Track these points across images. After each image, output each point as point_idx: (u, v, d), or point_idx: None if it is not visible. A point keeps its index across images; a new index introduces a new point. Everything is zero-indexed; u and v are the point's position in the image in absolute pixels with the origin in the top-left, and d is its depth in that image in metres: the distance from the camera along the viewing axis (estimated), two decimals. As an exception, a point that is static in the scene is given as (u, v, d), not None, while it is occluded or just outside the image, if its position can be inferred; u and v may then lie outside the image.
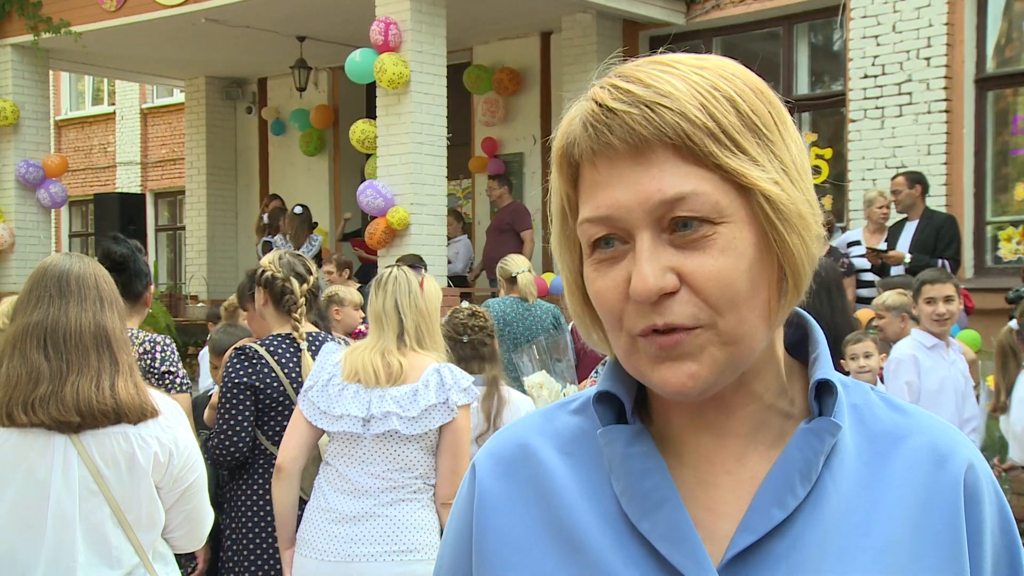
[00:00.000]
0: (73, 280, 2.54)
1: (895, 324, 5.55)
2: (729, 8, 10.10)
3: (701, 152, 0.86)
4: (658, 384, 0.89)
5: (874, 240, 7.76)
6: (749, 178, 0.86)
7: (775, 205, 0.87)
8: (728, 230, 0.86)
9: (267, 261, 3.80)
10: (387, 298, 3.31)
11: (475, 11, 10.18)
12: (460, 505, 1.04)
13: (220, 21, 10.50)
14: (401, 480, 3.24)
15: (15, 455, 2.45)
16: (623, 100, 0.87)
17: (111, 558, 2.51)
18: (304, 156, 13.24)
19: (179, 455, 2.58)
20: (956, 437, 0.97)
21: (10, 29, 11.46)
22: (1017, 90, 9.02)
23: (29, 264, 11.11)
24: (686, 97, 0.86)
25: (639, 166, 0.87)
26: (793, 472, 0.90)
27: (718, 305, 0.86)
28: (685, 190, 0.85)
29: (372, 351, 3.28)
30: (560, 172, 0.93)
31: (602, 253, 0.89)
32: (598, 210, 0.88)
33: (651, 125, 0.85)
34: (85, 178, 19.11)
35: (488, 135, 11.76)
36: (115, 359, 2.52)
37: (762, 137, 0.88)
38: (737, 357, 0.88)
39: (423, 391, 3.23)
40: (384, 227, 8.98)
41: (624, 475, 0.93)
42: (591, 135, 0.89)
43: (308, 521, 3.29)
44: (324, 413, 3.24)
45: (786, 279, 0.90)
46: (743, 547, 0.89)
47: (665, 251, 0.86)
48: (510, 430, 1.05)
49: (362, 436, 3.23)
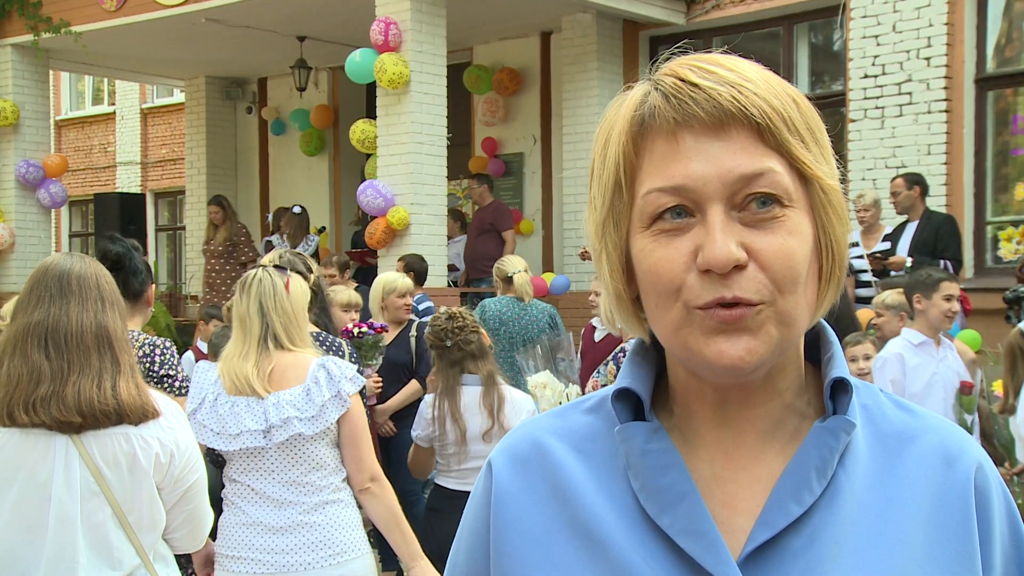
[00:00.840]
0: (74, 280, 2.54)
1: (893, 323, 5.58)
2: (729, 8, 10.10)
3: (778, 137, 0.90)
4: (712, 357, 0.89)
5: (869, 242, 7.77)
6: (814, 168, 0.91)
7: (831, 197, 0.92)
8: (795, 214, 0.90)
9: (268, 260, 3.81)
10: (251, 301, 3.25)
11: (475, 11, 10.17)
12: (476, 501, 1.05)
13: (220, 21, 10.50)
14: (318, 482, 3.22)
15: (16, 456, 2.45)
16: (708, 78, 0.90)
17: (112, 559, 2.50)
18: (304, 156, 13.24)
19: (180, 456, 2.58)
20: (964, 438, 0.98)
21: (10, 29, 11.46)
22: (1017, 90, 9.01)
23: (29, 264, 11.10)
24: (765, 87, 0.91)
25: (719, 141, 0.89)
26: (810, 469, 0.92)
27: (782, 284, 0.88)
28: (764, 167, 0.89)
29: (240, 359, 3.22)
30: (628, 140, 0.93)
31: (667, 223, 0.91)
32: (672, 179, 0.90)
33: (737, 102, 0.89)
34: (85, 178, 19.10)
35: (488, 135, 11.75)
36: (116, 359, 2.51)
37: (816, 139, 0.94)
38: (787, 339, 0.91)
39: (315, 388, 3.19)
40: (384, 227, 8.98)
41: (643, 471, 0.94)
42: (675, 105, 0.90)
43: (231, 536, 3.22)
44: (219, 434, 3.18)
45: (834, 270, 0.94)
46: (761, 541, 0.90)
47: (736, 226, 0.89)
48: (524, 428, 1.05)
49: (265, 448, 3.19)
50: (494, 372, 4.52)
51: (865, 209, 7.79)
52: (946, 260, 7.36)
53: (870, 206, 7.78)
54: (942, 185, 8.71)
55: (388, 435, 5.97)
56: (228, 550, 3.22)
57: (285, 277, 3.31)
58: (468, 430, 4.42)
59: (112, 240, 3.74)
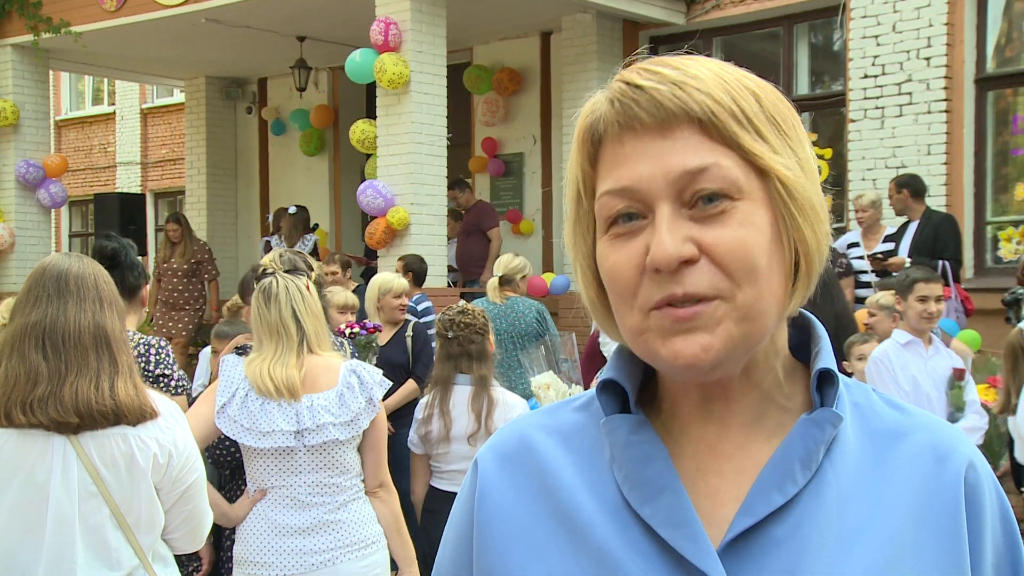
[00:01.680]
0: (72, 280, 2.53)
1: (885, 323, 5.63)
2: (729, 8, 10.10)
3: (724, 131, 0.88)
4: (669, 358, 0.89)
5: (870, 242, 7.78)
6: (767, 160, 0.89)
7: (790, 190, 0.90)
8: (746, 206, 0.89)
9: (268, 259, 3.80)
10: (283, 308, 3.23)
11: (475, 11, 10.17)
12: (462, 499, 1.05)
13: (220, 21, 10.50)
14: (342, 484, 3.25)
15: (14, 456, 2.44)
16: (651, 78, 0.90)
17: (111, 560, 2.50)
18: (304, 156, 13.23)
19: (178, 456, 2.58)
20: (957, 436, 0.98)
21: (10, 29, 11.46)
22: (1017, 90, 9.01)
23: (29, 264, 11.10)
24: (713, 82, 0.90)
25: (664, 140, 0.89)
26: (793, 459, 0.91)
27: (737, 275, 0.87)
28: (708, 162, 0.88)
29: (277, 364, 3.20)
30: (580, 150, 0.95)
31: (620, 228, 0.91)
32: (619, 182, 0.90)
33: (678, 100, 0.88)
34: (85, 178, 19.10)
35: (488, 135, 11.75)
36: (114, 360, 2.51)
37: (781, 130, 0.92)
38: (750, 335, 0.89)
39: (348, 394, 3.22)
40: (384, 227, 8.98)
41: (626, 462, 0.94)
42: (618, 109, 0.91)
43: (253, 543, 3.22)
44: (249, 430, 3.17)
45: (798, 266, 0.92)
46: (742, 529, 0.89)
47: (684, 223, 0.88)
48: (512, 426, 1.06)
49: (295, 449, 3.19)
50: (488, 376, 4.49)
51: (863, 210, 7.78)
52: (945, 260, 7.35)
53: (868, 207, 7.77)
54: (942, 185, 8.70)
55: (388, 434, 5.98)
56: (252, 555, 3.21)
57: (305, 282, 3.31)
58: (453, 428, 4.42)
59: (107, 237, 3.74)
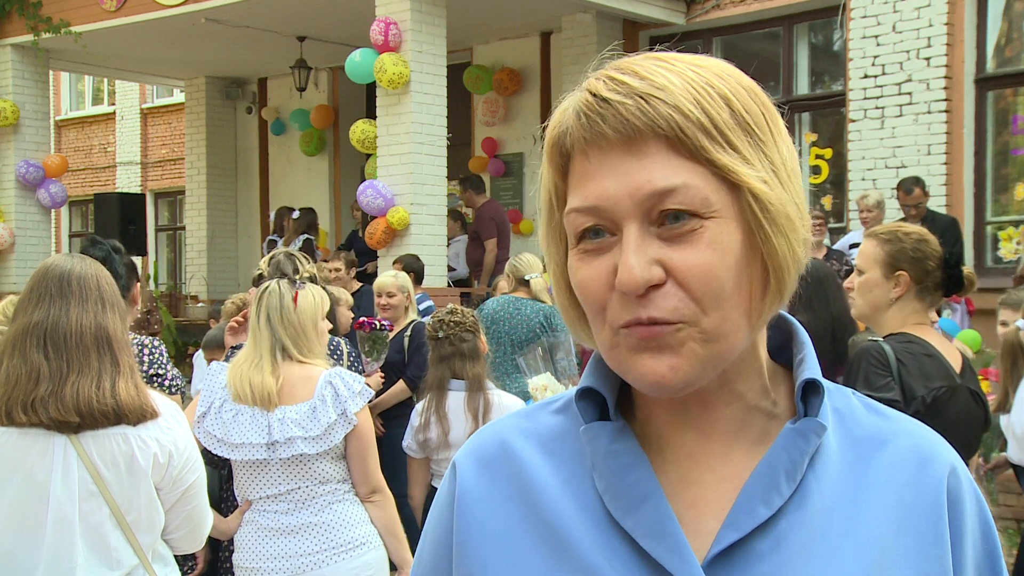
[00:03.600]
0: (75, 280, 2.54)
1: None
2: (729, 8, 10.10)
3: (693, 146, 0.85)
4: (637, 377, 0.88)
5: None
6: (739, 175, 0.86)
7: (763, 204, 0.87)
8: (716, 225, 0.86)
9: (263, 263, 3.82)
10: (260, 312, 3.26)
11: (475, 11, 10.18)
12: (440, 503, 1.03)
13: (220, 21, 10.50)
14: (321, 491, 3.25)
15: (15, 455, 2.45)
16: (618, 91, 0.86)
17: (111, 559, 2.50)
18: (304, 156, 13.24)
19: (179, 456, 2.58)
20: (937, 441, 0.97)
21: (10, 29, 11.46)
22: (1017, 90, 9.02)
23: (29, 264, 11.11)
24: (681, 91, 0.86)
25: (630, 157, 0.86)
26: (779, 471, 0.90)
27: (702, 300, 0.85)
28: (675, 182, 0.85)
29: (253, 367, 3.22)
30: (550, 162, 0.93)
31: (588, 244, 0.89)
32: (586, 200, 0.88)
33: (645, 116, 0.85)
34: (85, 178, 19.11)
35: (488, 135, 11.76)
36: (116, 360, 2.51)
37: (754, 136, 0.88)
38: (718, 354, 0.87)
39: (321, 407, 3.20)
40: (384, 227, 8.98)
41: (607, 472, 0.92)
42: (584, 124, 0.88)
43: (248, 548, 3.26)
44: (221, 441, 3.19)
45: (770, 280, 0.89)
46: (728, 544, 0.88)
47: (652, 243, 0.86)
48: (490, 428, 1.04)
49: (269, 460, 3.20)
50: (482, 376, 4.46)
51: (868, 210, 7.76)
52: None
53: (872, 207, 7.75)
54: (942, 185, 8.71)
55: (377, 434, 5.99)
56: (246, 561, 3.26)
57: (294, 290, 3.31)
58: (451, 432, 4.39)
59: (92, 244, 3.71)
